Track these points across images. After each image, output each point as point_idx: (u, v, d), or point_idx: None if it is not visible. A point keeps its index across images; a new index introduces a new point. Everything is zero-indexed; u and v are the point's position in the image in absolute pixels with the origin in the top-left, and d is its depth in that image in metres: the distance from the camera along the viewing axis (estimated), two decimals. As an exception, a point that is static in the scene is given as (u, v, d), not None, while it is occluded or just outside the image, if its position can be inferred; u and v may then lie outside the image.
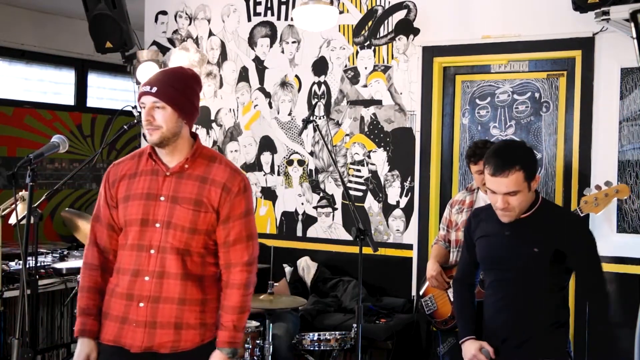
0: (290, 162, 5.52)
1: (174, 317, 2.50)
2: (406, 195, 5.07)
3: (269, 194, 5.59)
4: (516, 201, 2.80)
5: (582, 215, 3.63)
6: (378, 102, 5.17)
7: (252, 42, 5.68)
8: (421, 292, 4.22)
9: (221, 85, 5.83)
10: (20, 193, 4.20)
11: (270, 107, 5.60)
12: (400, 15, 5.08)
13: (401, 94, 5.08)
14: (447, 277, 4.00)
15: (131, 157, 2.67)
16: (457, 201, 4.15)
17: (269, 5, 5.60)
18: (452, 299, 3.97)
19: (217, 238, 2.59)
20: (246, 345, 3.81)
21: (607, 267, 4.28)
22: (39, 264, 4.49)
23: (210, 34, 5.88)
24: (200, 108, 2.69)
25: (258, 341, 3.83)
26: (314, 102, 5.37)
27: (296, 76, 5.49)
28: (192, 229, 2.52)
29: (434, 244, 4.25)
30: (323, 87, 5.38)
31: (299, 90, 5.48)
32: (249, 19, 5.70)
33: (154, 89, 2.49)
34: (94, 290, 2.58)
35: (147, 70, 5.87)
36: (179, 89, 2.53)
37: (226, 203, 2.55)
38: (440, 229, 4.27)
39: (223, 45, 5.82)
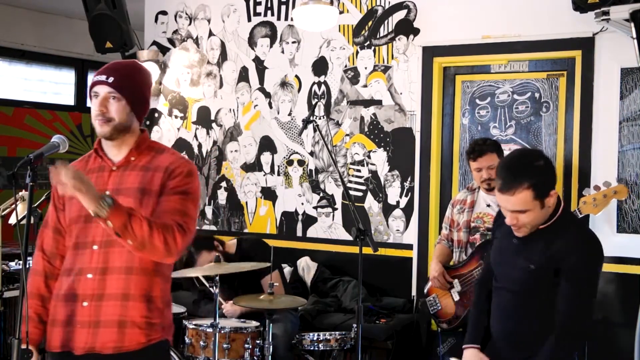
0: (290, 162, 5.52)
1: (118, 314, 2.36)
2: (406, 195, 5.07)
3: (269, 194, 5.59)
4: (526, 218, 2.61)
5: (581, 216, 3.60)
6: (378, 102, 5.16)
7: (252, 42, 5.68)
8: (425, 291, 4.22)
9: (221, 85, 5.82)
10: (20, 193, 4.20)
11: (270, 107, 5.60)
12: (400, 15, 5.08)
13: (401, 94, 5.08)
14: (450, 277, 4.00)
15: (81, 159, 2.60)
16: (458, 200, 4.15)
17: (269, 5, 5.60)
18: (455, 299, 3.97)
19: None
20: (246, 346, 3.81)
21: (607, 267, 4.27)
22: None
23: (210, 34, 5.87)
24: (148, 103, 2.58)
25: (258, 341, 3.83)
26: (314, 102, 5.37)
27: (296, 76, 5.49)
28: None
29: (437, 243, 4.26)
30: (323, 87, 5.38)
31: (299, 90, 5.47)
32: (249, 19, 5.70)
33: (111, 79, 2.40)
34: (35, 296, 2.48)
35: (147, 70, 5.88)
36: (135, 82, 2.47)
37: (166, 183, 2.43)
38: (443, 228, 4.28)
39: (223, 45, 5.82)
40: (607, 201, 3.46)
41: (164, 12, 6.10)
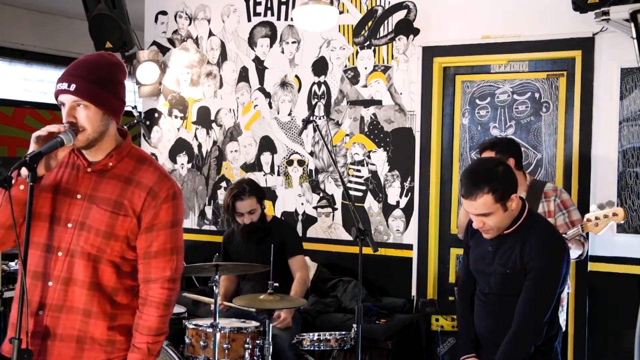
0: (290, 162, 5.52)
1: (77, 329, 2.21)
2: (406, 195, 5.07)
3: (269, 194, 5.58)
4: (492, 221, 2.78)
5: (582, 232, 3.49)
6: (378, 102, 5.16)
7: (252, 42, 5.68)
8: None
9: (221, 85, 5.82)
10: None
11: (270, 107, 5.60)
12: (400, 15, 5.08)
13: (401, 94, 5.08)
14: None
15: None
16: None
17: (269, 5, 5.60)
18: None
19: (138, 248, 2.28)
20: (246, 346, 3.81)
21: (607, 267, 4.29)
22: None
23: (210, 34, 5.87)
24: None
25: (258, 341, 3.83)
26: (314, 102, 5.37)
27: (296, 76, 5.49)
28: (108, 233, 2.21)
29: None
30: (323, 87, 5.38)
31: (299, 90, 5.47)
32: (249, 19, 5.70)
33: (73, 87, 2.16)
34: None
35: (147, 70, 5.88)
36: (102, 83, 2.19)
37: (150, 209, 2.25)
38: None
39: (223, 45, 5.82)
40: (607, 222, 3.44)
41: (164, 12, 6.09)
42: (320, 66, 5.39)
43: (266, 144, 5.62)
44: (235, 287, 4.54)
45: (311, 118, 4.35)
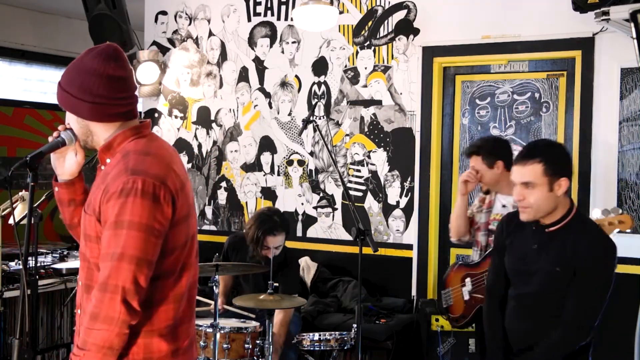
0: (290, 162, 5.52)
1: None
2: (406, 196, 5.07)
3: (269, 194, 5.59)
4: (532, 196, 2.70)
5: None
6: (378, 102, 5.17)
7: (252, 42, 5.68)
8: (444, 279, 4.01)
9: (221, 85, 5.82)
10: (20, 193, 4.20)
11: (270, 107, 5.60)
12: (400, 15, 5.09)
13: (401, 94, 5.08)
14: (463, 274, 3.79)
15: None
16: (482, 197, 3.88)
17: (269, 5, 5.60)
18: (464, 298, 3.78)
19: None
20: (246, 346, 3.81)
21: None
22: (39, 264, 4.49)
23: (210, 34, 5.87)
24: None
25: (258, 341, 3.83)
26: (314, 102, 5.37)
27: (296, 76, 5.49)
28: (84, 233, 2.12)
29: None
30: (323, 87, 5.38)
31: (299, 90, 5.47)
32: (249, 19, 5.70)
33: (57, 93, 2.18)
34: None
35: (147, 70, 5.88)
36: (66, 86, 2.12)
37: (102, 207, 2.02)
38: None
39: (223, 45, 5.82)
40: (611, 229, 3.35)
41: (164, 12, 6.10)
42: (320, 66, 5.39)
43: (266, 144, 5.62)
44: (233, 283, 4.54)
45: (311, 118, 4.36)
